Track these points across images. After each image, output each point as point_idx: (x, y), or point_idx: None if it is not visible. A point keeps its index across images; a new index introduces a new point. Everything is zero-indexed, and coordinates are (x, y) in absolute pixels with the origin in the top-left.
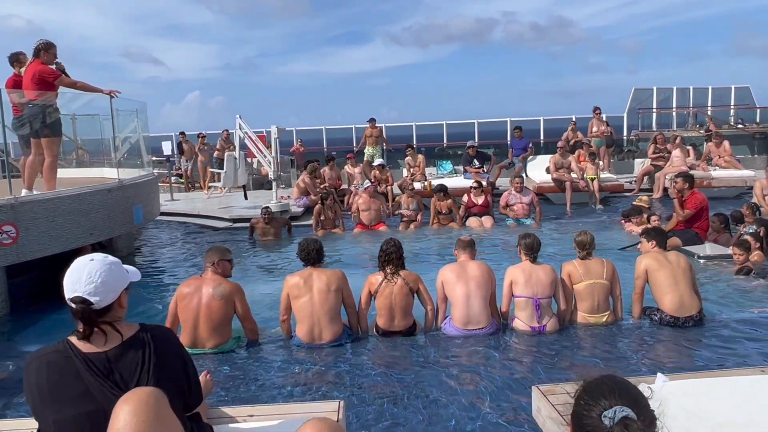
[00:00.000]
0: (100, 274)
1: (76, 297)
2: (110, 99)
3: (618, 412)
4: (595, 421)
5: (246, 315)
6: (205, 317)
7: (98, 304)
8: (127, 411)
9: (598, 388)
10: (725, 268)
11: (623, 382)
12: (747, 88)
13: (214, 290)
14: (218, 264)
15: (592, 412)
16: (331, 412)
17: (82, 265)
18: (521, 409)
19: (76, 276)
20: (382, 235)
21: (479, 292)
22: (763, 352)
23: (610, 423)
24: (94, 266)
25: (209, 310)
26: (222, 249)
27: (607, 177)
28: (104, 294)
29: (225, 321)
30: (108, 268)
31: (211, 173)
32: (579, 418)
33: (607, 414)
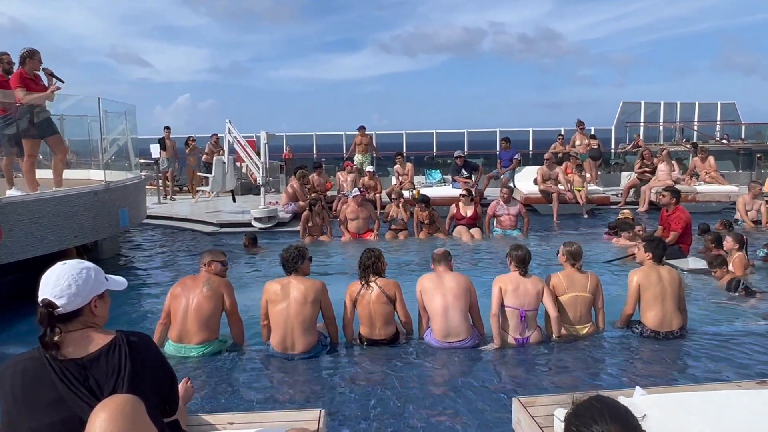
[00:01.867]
0: (67, 278)
1: (44, 299)
2: (98, 101)
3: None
4: None
5: (233, 310)
6: (193, 310)
7: (64, 307)
8: (104, 419)
9: (588, 412)
10: (709, 282)
11: (612, 403)
12: (733, 104)
13: (203, 284)
14: (210, 264)
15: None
16: (312, 421)
17: (53, 269)
18: (501, 421)
19: (46, 279)
20: (369, 243)
21: (457, 304)
22: (741, 367)
23: None
24: (64, 270)
25: (198, 305)
26: (216, 251)
27: (593, 189)
28: (70, 298)
29: (213, 315)
30: (77, 273)
31: (199, 177)
32: None
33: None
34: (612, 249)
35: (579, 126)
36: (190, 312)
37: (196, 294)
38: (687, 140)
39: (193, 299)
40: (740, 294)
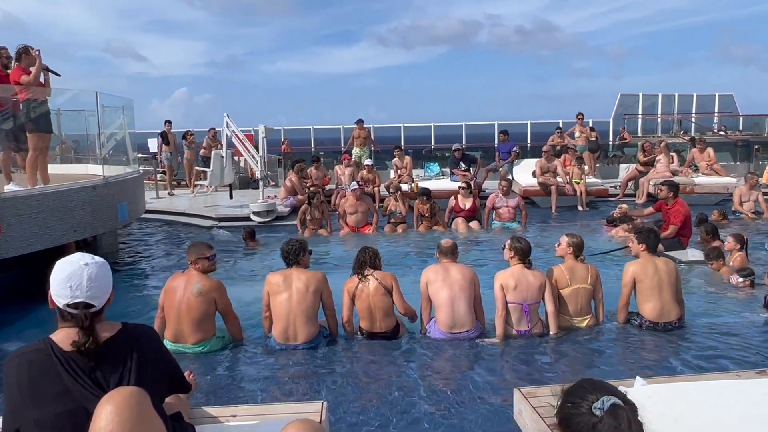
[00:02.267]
0: (98, 278)
1: (79, 303)
2: (96, 95)
3: (606, 401)
4: (586, 417)
5: (227, 311)
6: (185, 313)
7: (99, 305)
8: (109, 410)
9: (580, 389)
10: (708, 274)
11: (600, 381)
12: (731, 95)
13: (192, 287)
14: (196, 263)
15: (581, 408)
16: (314, 413)
17: (79, 270)
18: (503, 411)
19: (77, 281)
20: (368, 237)
21: (463, 295)
22: (740, 357)
23: (600, 413)
24: (93, 270)
25: (189, 306)
26: (201, 245)
27: (592, 182)
28: (103, 296)
29: (206, 317)
30: (102, 270)
31: (197, 171)
32: (569, 419)
33: (596, 405)
34: (613, 241)
35: (578, 117)
36: (182, 315)
37: (187, 295)
38: (685, 132)
39: (185, 301)
40: (745, 284)
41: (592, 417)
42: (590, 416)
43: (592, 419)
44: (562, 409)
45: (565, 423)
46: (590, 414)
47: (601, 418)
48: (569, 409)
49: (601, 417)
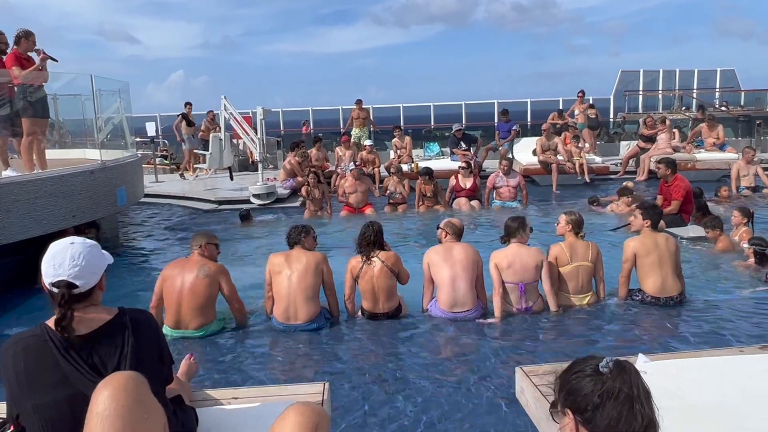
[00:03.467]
0: (83, 257)
1: (60, 281)
2: (91, 78)
3: (609, 360)
4: (593, 378)
5: (232, 295)
6: (188, 297)
7: (83, 287)
8: (107, 395)
9: (577, 362)
10: (709, 249)
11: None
12: (732, 70)
13: (198, 270)
14: (205, 247)
15: (585, 372)
16: (316, 394)
17: (63, 248)
18: (505, 389)
19: (59, 259)
20: (368, 217)
21: (465, 275)
22: (743, 333)
23: (607, 370)
24: (77, 249)
25: (193, 290)
26: (209, 233)
27: (592, 159)
28: (88, 277)
29: (209, 301)
30: (90, 251)
31: (196, 155)
32: (575, 390)
33: (601, 365)
34: (609, 217)
35: (579, 96)
36: (184, 298)
37: (190, 279)
38: (687, 108)
39: (187, 285)
40: (749, 251)
41: (599, 376)
42: (596, 376)
43: (600, 378)
44: (564, 384)
45: (572, 395)
46: (596, 374)
47: (609, 374)
48: (573, 379)
49: (609, 372)
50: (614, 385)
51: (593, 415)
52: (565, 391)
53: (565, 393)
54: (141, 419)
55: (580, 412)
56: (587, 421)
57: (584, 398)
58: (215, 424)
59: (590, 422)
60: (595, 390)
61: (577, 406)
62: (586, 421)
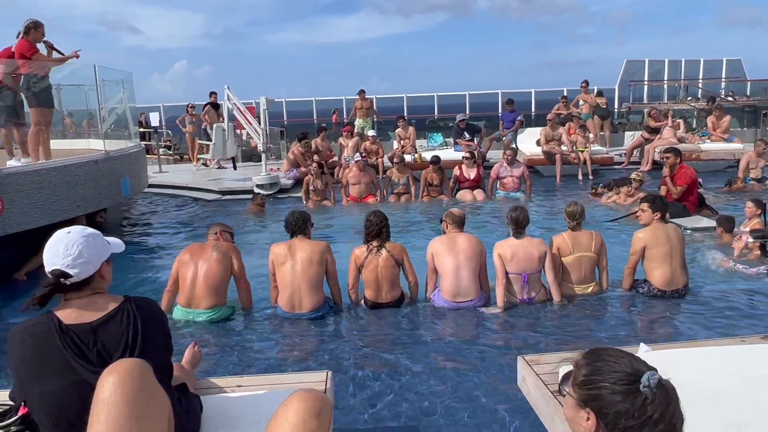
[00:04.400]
0: (77, 247)
1: (55, 270)
2: (95, 68)
3: (651, 378)
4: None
5: (241, 273)
6: (203, 276)
7: (77, 276)
8: (113, 382)
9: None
10: (714, 240)
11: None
12: (738, 60)
13: (213, 248)
14: (220, 234)
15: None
16: (319, 383)
17: (59, 238)
18: (507, 379)
19: (54, 249)
20: (372, 207)
21: (468, 265)
22: (745, 323)
23: (648, 391)
24: (72, 238)
25: (207, 269)
26: (224, 224)
27: (596, 150)
28: (82, 266)
29: (222, 281)
30: (85, 240)
31: (200, 145)
32: (604, 401)
33: (642, 383)
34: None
35: (583, 86)
36: (199, 278)
37: (206, 260)
38: (692, 98)
39: (203, 265)
40: (754, 245)
41: (638, 395)
42: (635, 394)
43: (638, 398)
44: (591, 384)
45: (599, 402)
46: (635, 392)
47: (649, 395)
48: (605, 387)
49: (650, 393)
50: (654, 411)
51: (621, 430)
52: (591, 392)
53: (591, 395)
54: (146, 405)
55: (604, 419)
56: (609, 428)
57: (616, 414)
58: (220, 412)
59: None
60: (630, 411)
61: (602, 414)
62: (608, 427)
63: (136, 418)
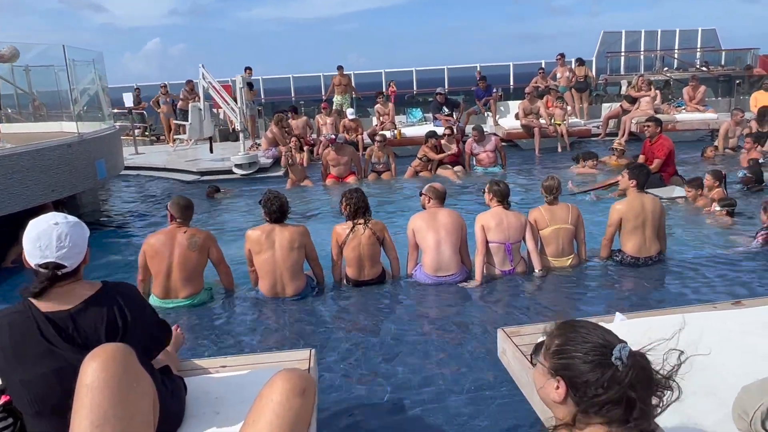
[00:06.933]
0: (69, 237)
1: (49, 263)
2: (63, 49)
3: (622, 351)
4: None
5: (220, 260)
6: (178, 267)
7: (71, 266)
8: (95, 367)
9: (581, 332)
10: (688, 208)
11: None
12: (713, 30)
13: (188, 241)
14: (182, 217)
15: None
16: (303, 361)
17: (48, 229)
18: (488, 351)
19: (45, 241)
20: (352, 186)
21: (449, 239)
22: (718, 289)
23: (620, 364)
24: (62, 229)
25: (183, 261)
26: (180, 197)
27: (574, 122)
28: (75, 257)
29: (198, 270)
30: (73, 230)
31: (176, 125)
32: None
33: (614, 355)
34: (574, 178)
35: (558, 58)
36: (174, 269)
37: (180, 251)
38: (667, 68)
39: (177, 256)
40: (721, 213)
41: (608, 368)
42: (605, 367)
43: (608, 370)
44: (563, 353)
45: (570, 371)
46: (605, 365)
47: (620, 368)
48: (576, 357)
49: (622, 365)
50: (623, 382)
51: (589, 399)
52: (563, 361)
53: (563, 364)
54: (130, 389)
55: (573, 387)
56: (578, 397)
57: (585, 384)
58: (204, 393)
59: (582, 401)
60: (600, 381)
61: (572, 383)
62: (576, 395)
63: (119, 401)
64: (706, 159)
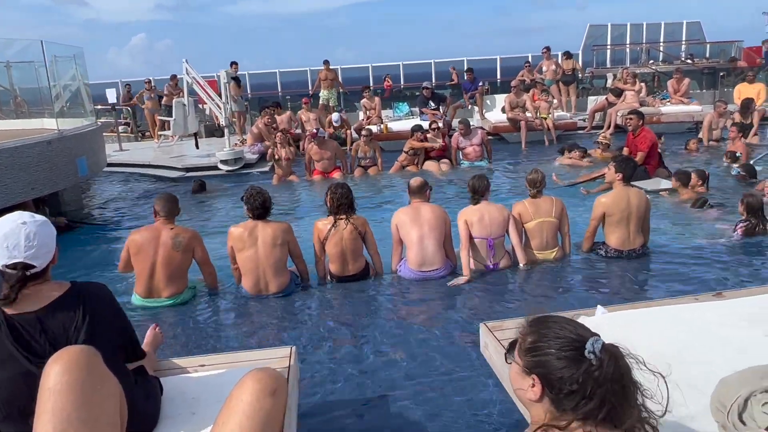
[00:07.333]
0: (38, 237)
1: (18, 263)
2: (42, 44)
3: (595, 344)
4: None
5: (205, 260)
6: (162, 267)
7: (40, 266)
8: (57, 370)
9: (554, 328)
10: (673, 201)
11: (561, 317)
12: (698, 23)
13: (173, 241)
14: (168, 212)
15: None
16: (283, 358)
17: (16, 229)
18: (471, 346)
19: (13, 241)
20: (338, 181)
21: (433, 234)
22: (700, 281)
23: (593, 357)
24: (30, 228)
25: (168, 260)
26: (166, 195)
27: (560, 115)
28: (44, 256)
29: (182, 270)
30: (41, 229)
31: (161, 121)
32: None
33: (587, 349)
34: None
35: (545, 53)
36: (158, 268)
37: (164, 250)
38: (653, 61)
39: (161, 255)
40: (705, 210)
41: (581, 362)
42: (578, 361)
43: (581, 365)
44: (536, 350)
45: (544, 368)
46: (578, 358)
47: (593, 362)
48: (549, 353)
49: (594, 359)
50: (598, 376)
51: (565, 395)
52: (537, 358)
53: (537, 361)
54: (94, 391)
55: (549, 386)
56: (554, 394)
57: (560, 380)
58: (180, 393)
59: (558, 398)
60: (575, 376)
61: (547, 380)
62: (552, 393)
63: (83, 404)
64: (690, 151)
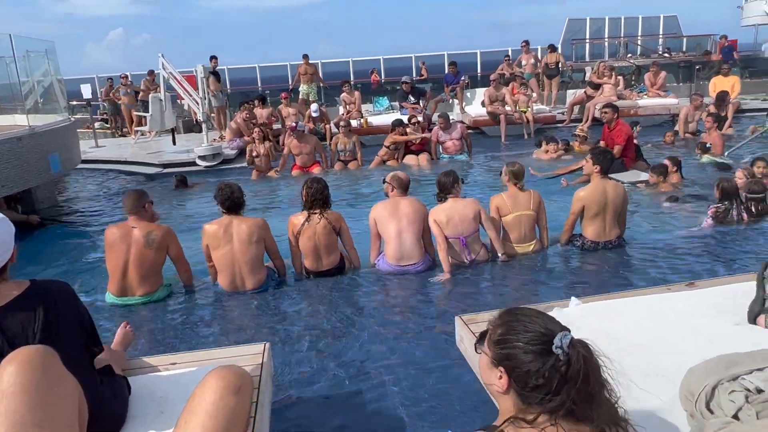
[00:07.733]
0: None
1: None
2: (10, 38)
3: (563, 339)
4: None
5: (180, 257)
6: (134, 265)
7: None
8: (11, 371)
9: (522, 320)
10: (648, 193)
11: (529, 308)
12: (675, 16)
13: (146, 239)
14: (146, 209)
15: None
16: (256, 355)
17: None
18: (448, 339)
19: None
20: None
21: (411, 228)
22: (673, 271)
23: (560, 352)
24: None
25: (141, 259)
26: (137, 191)
27: (539, 109)
28: (3, 254)
29: (156, 268)
30: (1, 227)
31: (138, 117)
32: (517, 360)
33: (554, 344)
34: (534, 164)
35: (523, 45)
36: (131, 267)
37: (137, 248)
38: (631, 55)
39: (134, 253)
40: (673, 207)
41: (548, 356)
42: (545, 356)
43: (549, 359)
44: (504, 343)
45: (511, 361)
46: (546, 353)
47: (560, 357)
48: (517, 347)
49: (562, 354)
50: (565, 371)
51: (531, 389)
52: (505, 351)
53: (505, 354)
54: (50, 392)
55: (515, 378)
56: (520, 387)
57: (527, 374)
58: (149, 392)
59: (524, 392)
60: (541, 371)
61: (514, 373)
62: (518, 386)
63: (37, 405)
64: (667, 143)
